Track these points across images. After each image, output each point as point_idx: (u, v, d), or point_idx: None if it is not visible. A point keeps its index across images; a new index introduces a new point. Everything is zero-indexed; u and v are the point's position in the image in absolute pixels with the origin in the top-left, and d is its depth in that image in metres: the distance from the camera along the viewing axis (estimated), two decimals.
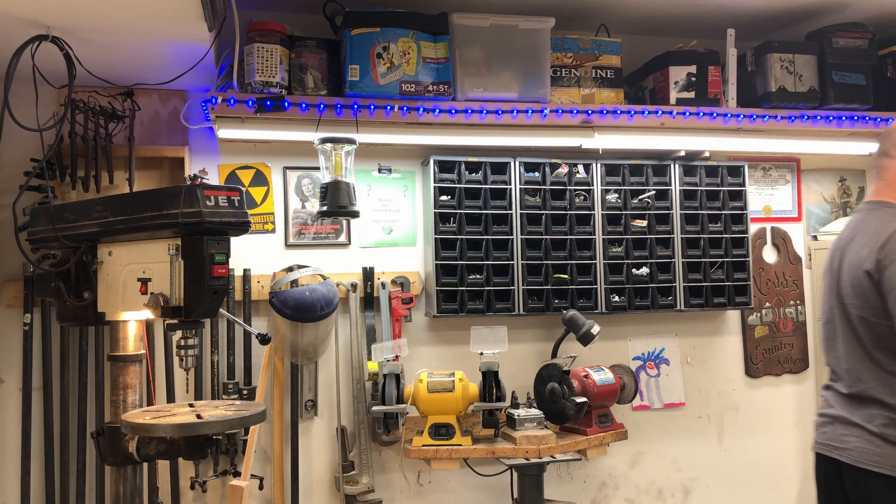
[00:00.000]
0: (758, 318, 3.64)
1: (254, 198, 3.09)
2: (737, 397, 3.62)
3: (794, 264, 3.72)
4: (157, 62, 2.59)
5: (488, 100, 2.93)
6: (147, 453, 2.08)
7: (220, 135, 2.83)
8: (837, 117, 3.28)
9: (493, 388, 2.83)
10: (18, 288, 2.81)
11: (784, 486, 3.67)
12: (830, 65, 3.26)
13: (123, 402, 2.24)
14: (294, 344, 2.92)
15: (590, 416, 2.98)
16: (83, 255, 2.15)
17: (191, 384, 2.90)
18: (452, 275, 3.09)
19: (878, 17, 3.36)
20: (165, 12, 2.12)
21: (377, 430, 3.10)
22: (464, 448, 2.81)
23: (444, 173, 3.12)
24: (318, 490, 3.11)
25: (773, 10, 3.25)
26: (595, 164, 3.27)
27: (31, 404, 2.78)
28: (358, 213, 2.82)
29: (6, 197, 2.80)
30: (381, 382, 2.84)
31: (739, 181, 3.44)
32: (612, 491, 3.44)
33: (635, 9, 3.19)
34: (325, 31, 2.93)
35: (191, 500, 2.97)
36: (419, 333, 3.25)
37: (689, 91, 3.17)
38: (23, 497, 2.73)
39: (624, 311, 3.27)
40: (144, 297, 2.00)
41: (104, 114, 2.80)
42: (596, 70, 3.13)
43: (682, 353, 3.56)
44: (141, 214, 1.95)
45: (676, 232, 3.34)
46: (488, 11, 2.94)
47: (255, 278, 3.02)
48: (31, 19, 2.12)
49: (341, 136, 2.78)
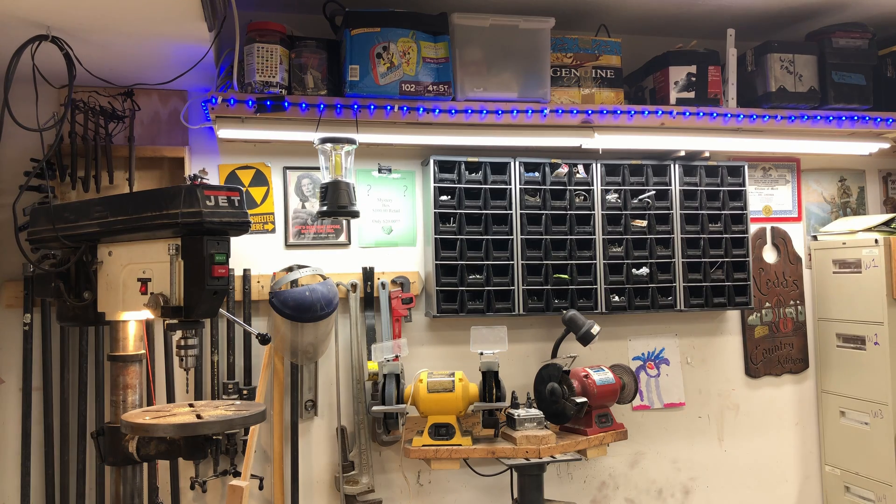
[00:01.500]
0: (758, 318, 3.64)
1: (254, 198, 3.09)
2: (737, 397, 3.62)
3: (794, 264, 3.72)
4: (157, 62, 2.59)
5: (488, 100, 2.93)
6: (147, 453, 2.08)
7: (220, 135, 2.83)
8: (837, 117, 3.28)
9: (493, 388, 2.83)
10: (18, 288, 2.81)
11: (784, 486, 3.67)
12: (830, 65, 3.26)
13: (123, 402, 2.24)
14: (294, 344, 2.92)
15: (590, 416, 2.98)
16: (83, 255, 2.16)
17: (191, 384, 2.90)
18: (452, 275, 3.09)
19: (878, 17, 3.37)
20: (165, 12, 2.12)
21: (377, 430, 3.10)
22: (464, 448, 2.81)
23: (444, 173, 3.12)
24: (318, 490, 3.11)
25: (773, 10, 3.25)
26: (595, 164, 3.27)
27: (31, 404, 2.78)
28: (358, 213, 2.82)
29: (6, 197, 2.80)
30: (381, 382, 2.84)
31: (739, 181, 3.44)
32: (612, 491, 3.44)
33: (635, 9, 3.19)
34: (325, 31, 2.93)
35: (191, 500, 2.97)
36: (419, 333, 3.25)
37: (689, 91, 3.17)
38: (23, 497, 2.73)
39: (624, 311, 3.27)
40: (144, 297, 2.00)
41: (104, 114, 2.80)
42: (596, 70, 3.13)
43: (682, 353, 3.56)
44: (141, 214, 1.95)
45: (676, 232, 3.34)
46: (488, 11, 2.94)
47: (255, 278, 3.02)
48: (31, 19, 2.12)
49: (341, 136, 2.78)
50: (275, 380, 3.01)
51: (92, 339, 2.85)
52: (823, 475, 3.70)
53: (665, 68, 3.19)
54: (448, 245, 3.10)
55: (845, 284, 3.52)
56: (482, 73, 2.93)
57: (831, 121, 3.28)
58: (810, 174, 3.79)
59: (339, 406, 3.08)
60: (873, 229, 3.46)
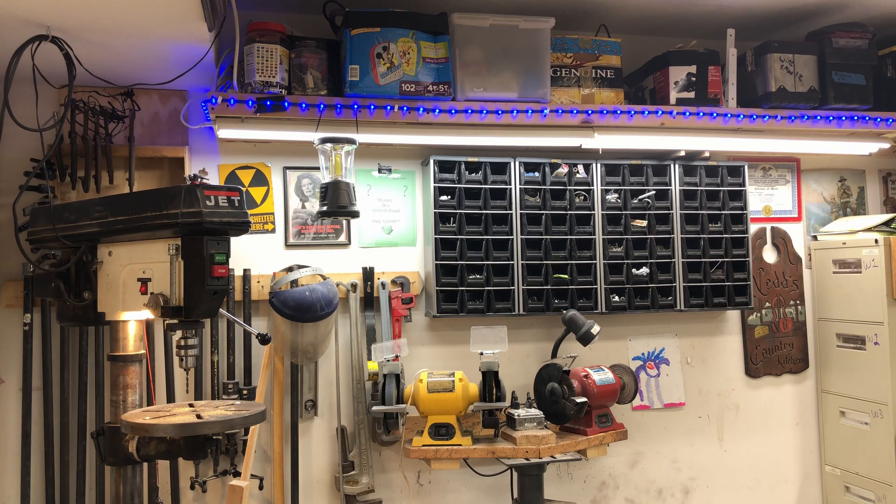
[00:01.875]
0: (758, 317, 3.64)
1: (254, 198, 3.09)
2: (737, 397, 3.62)
3: (794, 264, 3.72)
4: (157, 62, 2.59)
5: (488, 100, 2.93)
6: (147, 453, 2.08)
7: (220, 135, 2.83)
8: (837, 117, 3.28)
9: (493, 388, 2.83)
10: (18, 288, 2.81)
11: (784, 486, 3.67)
12: (830, 65, 3.26)
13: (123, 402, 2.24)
14: (294, 344, 2.92)
15: (590, 416, 2.98)
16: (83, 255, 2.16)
17: (191, 384, 2.90)
18: (452, 275, 3.09)
19: (878, 17, 3.37)
20: (165, 12, 2.12)
21: (377, 430, 3.10)
22: (464, 448, 2.81)
23: (444, 173, 3.12)
24: (318, 490, 3.11)
25: (773, 10, 3.25)
26: (595, 164, 3.27)
27: (31, 404, 2.78)
28: (358, 213, 2.82)
29: (6, 197, 2.80)
30: (381, 382, 2.84)
31: (739, 181, 3.44)
32: (612, 491, 3.44)
33: (635, 9, 3.19)
34: (325, 31, 2.93)
35: (191, 500, 2.97)
36: (419, 333, 3.25)
37: (689, 91, 3.17)
38: (23, 497, 2.73)
39: (624, 311, 3.27)
40: (144, 297, 2.00)
41: (104, 114, 2.80)
42: (596, 70, 3.13)
43: (682, 353, 3.56)
44: (141, 214, 1.95)
45: (676, 232, 3.34)
46: (488, 11, 2.94)
47: (255, 278, 3.02)
48: (31, 19, 2.12)
49: (341, 136, 2.78)
50: (275, 380, 3.01)
51: (92, 339, 2.85)
52: (823, 475, 3.70)
53: (665, 68, 3.19)
54: (448, 245, 3.10)
55: (845, 284, 3.52)
56: (482, 73, 2.93)
57: (831, 121, 3.28)
58: (810, 174, 3.79)
59: (339, 406, 3.08)
60: (873, 229, 3.46)
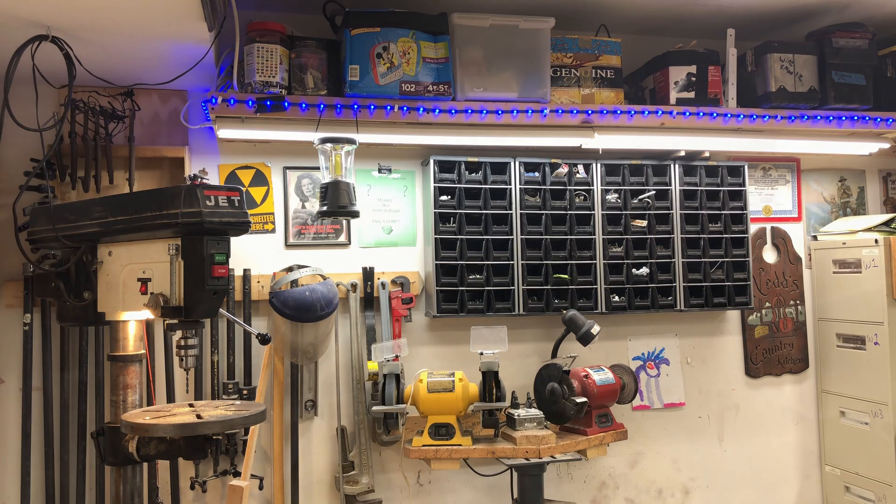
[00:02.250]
0: (758, 318, 3.64)
1: (254, 198, 3.09)
2: (737, 397, 3.62)
3: (794, 264, 3.72)
4: (157, 62, 2.59)
5: (488, 100, 2.93)
6: (147, 453, 2.08)
7: (220, 135, 2.83)
8: (837, 117, 3.28)
9: (493, 388, 2.83)
10: (18, 288, 2.81)
11: (784, 486, 3.67)
12: (830, 65, 3.26)
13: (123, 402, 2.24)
14: (294, 344, 2.92)
15: (590, 416, 2.98)
16: (83, 255, 2.16)
17: (191, 384, 2.90)
18: (452, 275, 3.09)
19: (878, 17, 3.37)
20: (165, 12, 2.12)
21: (377, 430, 3.10)
22: (464, 448, 2.81)
23: (444, 173, 3.12)
24: (318, 490, 3.11)
25: (773, 10, 3.25)
26: (595, 164, 3.27)
27: (31, 404, 2.78)
28: (358, 213, 2.82)
29: (6, 197, 2.80)
30: (381, 382, 2.84)
31: (739, 181, 3.44)
32: (612, 491, 3.44)
33: (635, 9, 3.19)
34: (325, 31, 2.93)
35: (191, 500, 2.97)
36: (419, 333, 3.25)
37: (689, 91, 3.17)
38: (23, 497, 2.73)
39: (624, 311, 3.27)
40: (144, 297, 2.00)
41: (104, 114, 2.80)
42: (596, 70, 3.13)
43: (682, 353, 3.56)
44: (141, 214, 1.95)
45: (676, 232, 3.34)
46: (488, 11, 2.94)
47: (255, 278, 3.02)
48: (31, 19, 2.12)
49: (341, 136, 2.78)
50: (275, 380, 3.01)
51: (92, 339, 2.85)
52: (823, 475, 3.70)
53: (665, 68, 3.19)
54: (448, 245, 3.10)
55: (845, 284, 3.52)
56: (482, 73, 2.93)
57: (831, 121, 3.28)
58: (810, 174, 3.79)
59: (339, 406, 3.08)
60: (873, 229, 3.46)
